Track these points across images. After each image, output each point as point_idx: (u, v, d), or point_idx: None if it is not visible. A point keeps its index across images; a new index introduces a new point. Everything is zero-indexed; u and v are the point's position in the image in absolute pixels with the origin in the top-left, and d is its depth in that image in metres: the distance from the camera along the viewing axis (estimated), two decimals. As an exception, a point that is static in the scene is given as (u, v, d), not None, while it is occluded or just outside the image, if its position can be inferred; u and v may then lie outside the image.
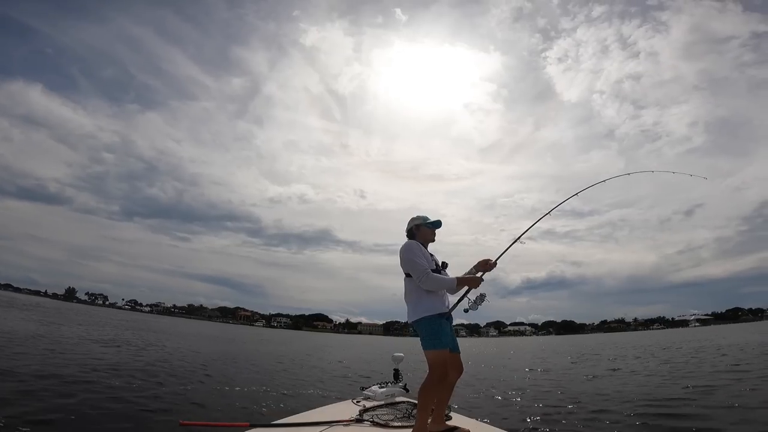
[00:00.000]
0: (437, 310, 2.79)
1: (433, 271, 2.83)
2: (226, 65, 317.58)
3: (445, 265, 3.06)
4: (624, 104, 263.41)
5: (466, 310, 3.00)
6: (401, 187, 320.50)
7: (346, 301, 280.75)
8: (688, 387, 7.75)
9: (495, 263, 3.08)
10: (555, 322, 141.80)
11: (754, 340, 20.54)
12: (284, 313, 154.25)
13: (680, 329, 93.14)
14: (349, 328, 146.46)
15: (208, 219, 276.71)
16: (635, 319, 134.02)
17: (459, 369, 2.88)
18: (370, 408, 3.39)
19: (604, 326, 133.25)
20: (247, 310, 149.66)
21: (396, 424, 2.98)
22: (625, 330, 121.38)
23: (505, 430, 2.83)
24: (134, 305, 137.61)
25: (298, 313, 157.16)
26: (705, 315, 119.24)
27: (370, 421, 3.04)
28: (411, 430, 2.73)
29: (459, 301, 3.03)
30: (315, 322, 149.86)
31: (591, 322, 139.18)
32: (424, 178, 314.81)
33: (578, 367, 14.15)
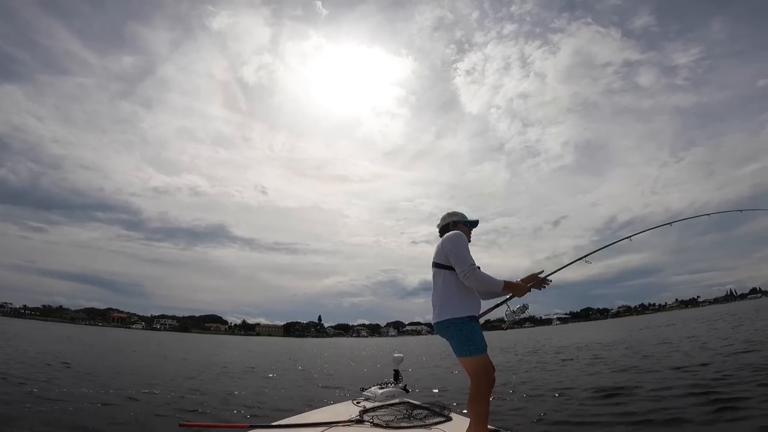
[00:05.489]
0: (469, 312, 2.51)
1: None
2: (118, 42, 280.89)
3: None
4: (514, 121, 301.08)
5: (504, 324, 2.83)
6: (305, 185, 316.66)
7: (243, 301, 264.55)
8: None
9: (549, 280, 2.76)
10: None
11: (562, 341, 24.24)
12: (170, 314, 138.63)
13: (545, 327, 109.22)
14: (246, 329, 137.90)
15: (71, 207, 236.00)
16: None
17: None
18: (371, 409, 3.33)
19: (488, 324, 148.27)
20: (122, 312, 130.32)
21: (396, 424, 2.94)
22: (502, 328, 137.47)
23: (506, 430, 2.87)
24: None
25: (187, 315, 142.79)
26: (565, 314, 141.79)
27: (371, 422, 2.98)
28: (411, 430, 2.79)
29: (496, 306, 2.81)
30: (207, 323, 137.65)
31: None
32: (329, 178, 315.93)
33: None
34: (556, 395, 6.48)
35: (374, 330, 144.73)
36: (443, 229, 2.89)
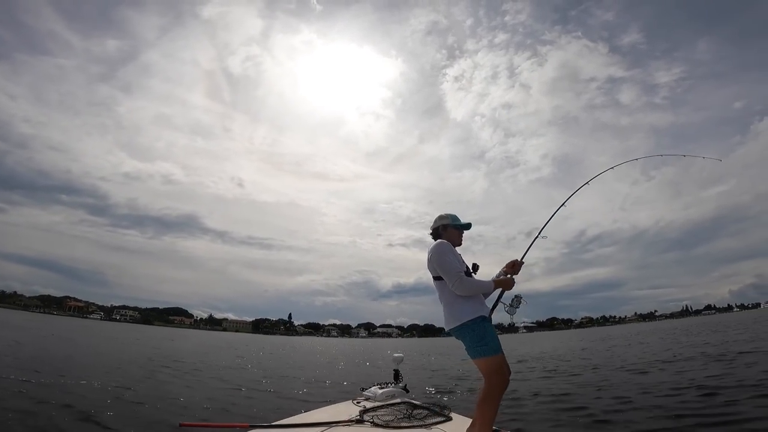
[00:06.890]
0: (478, 313, 2.55)
1: (466, 274, 2.60)
2: (105, 25, 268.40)
3: (476, 267, 2.79)
4: (497, 130, 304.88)
5: (509, 322, 2.88)
6: (283, 180, 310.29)
7: (211, 295, 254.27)
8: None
9: (522, 262, 2.89)
10: (418, 325, 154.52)
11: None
12: (131, 305, 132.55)
13: (512, 334, 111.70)
14: (213, 324, 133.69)
15: (34, 188, 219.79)
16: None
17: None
18: (371, 408, 3.38)
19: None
20: (79, 300, 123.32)
21: (396, 424, 3.01)
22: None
23: (508, 431, 3.01)
24: None
25: (150, 306, 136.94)
26: (531, 323, 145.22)
27: (371, 422, 3.03)
28: (411, 430, 2.85)
29: (494, 306, 2.83)
30: (171, 316, 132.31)
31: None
32: (308, 175, 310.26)
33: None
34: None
35: (345, 330, 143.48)
36: (434, 233, 2.91)
